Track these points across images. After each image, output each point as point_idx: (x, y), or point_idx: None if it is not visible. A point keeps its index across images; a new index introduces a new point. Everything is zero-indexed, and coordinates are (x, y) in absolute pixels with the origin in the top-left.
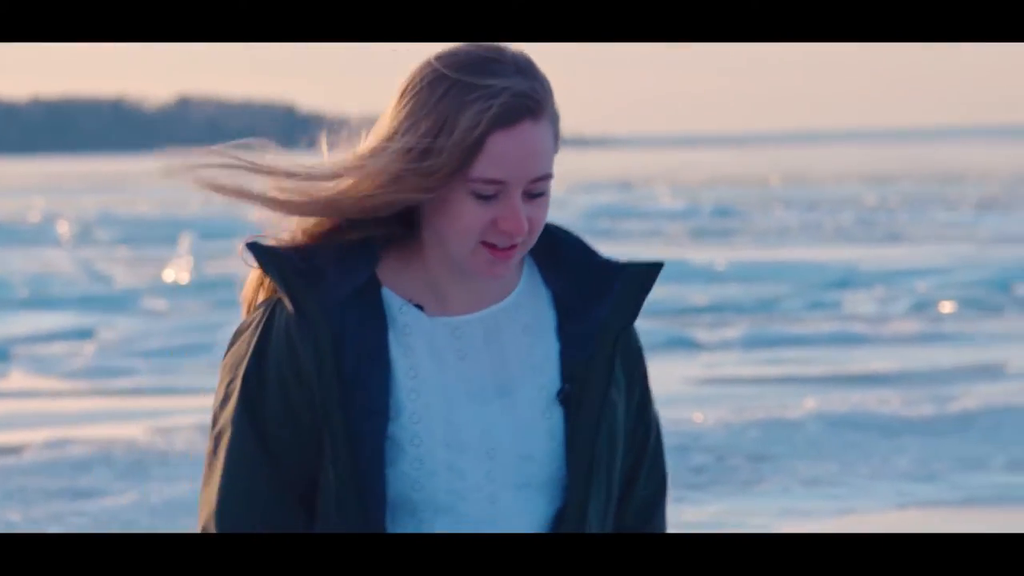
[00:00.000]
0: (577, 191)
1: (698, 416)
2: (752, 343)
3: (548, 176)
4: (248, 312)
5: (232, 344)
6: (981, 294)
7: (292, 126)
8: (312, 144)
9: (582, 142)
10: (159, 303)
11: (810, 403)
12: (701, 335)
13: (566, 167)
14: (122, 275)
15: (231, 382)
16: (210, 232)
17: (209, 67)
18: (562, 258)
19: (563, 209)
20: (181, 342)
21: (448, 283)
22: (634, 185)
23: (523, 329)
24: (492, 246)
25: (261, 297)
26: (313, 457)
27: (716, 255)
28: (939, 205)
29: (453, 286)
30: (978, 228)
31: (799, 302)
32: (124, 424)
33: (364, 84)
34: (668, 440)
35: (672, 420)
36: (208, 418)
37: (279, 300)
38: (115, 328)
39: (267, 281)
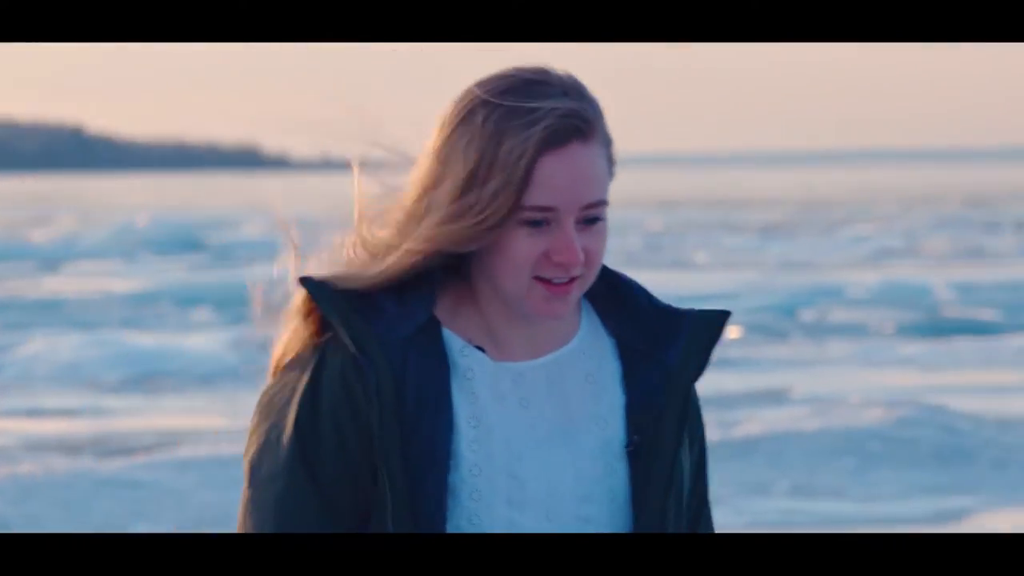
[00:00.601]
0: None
1: None
2: None
3: (603, 202)
4: (280, 359)
5: (269, 390)
6: (767, 320)
7: (81, 148)
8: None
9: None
10: None
11: None
12: None
13: (333, 191)
14: None
15: (272, 427)
16: None
17: None
18: (623, 304)
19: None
20: None
21: (504, 328)
22: None
23: (586, 377)
24: (548, 282)
25: (297, 342)
26: (366, 502)
27: None
28: (724, 231)
29: (510, 331)
30: (763, 254)
31: None
32: None
33: (157, 101)
34: None
35: None
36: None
37: (329, 340)
38: None
39: (310, 323)
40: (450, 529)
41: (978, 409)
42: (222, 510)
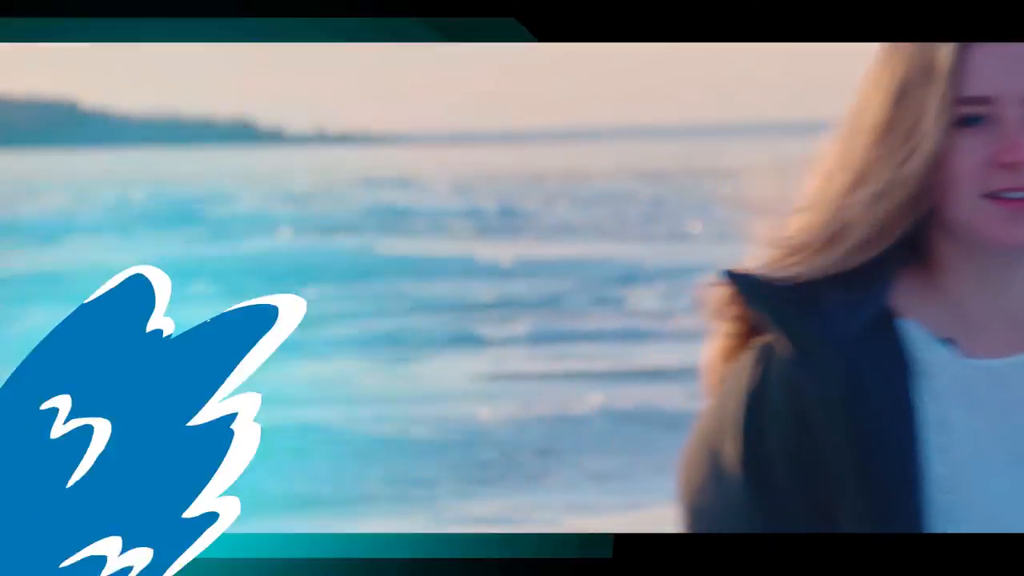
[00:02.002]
0: (357, 187)
1: (484, 412)
2: (537, 339)
3: None
4: (710, 370)
5: (704, 414)
6: None
7: (75, 123)
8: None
9: (367, 139)
10: None
11: (595, 398)
12: (487, 331)
13: (348, 163)
14: None
15: (712, 454)
16: None
17: None
18: None
19: (343, 204)
20: None
21: (981, 310)
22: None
23: None
24: (1002, 198)
25: (728, 348)
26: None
27: (501, 252)
28: (720, 203)
29: (988, 316)
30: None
31: (584, 298)
32: None
33: (147, 79)
34: (454, 437)
35: (458, 417)
36: None
37: (767, 344)
38: None
39: (739, 324)
40: None
41: None
42: None
